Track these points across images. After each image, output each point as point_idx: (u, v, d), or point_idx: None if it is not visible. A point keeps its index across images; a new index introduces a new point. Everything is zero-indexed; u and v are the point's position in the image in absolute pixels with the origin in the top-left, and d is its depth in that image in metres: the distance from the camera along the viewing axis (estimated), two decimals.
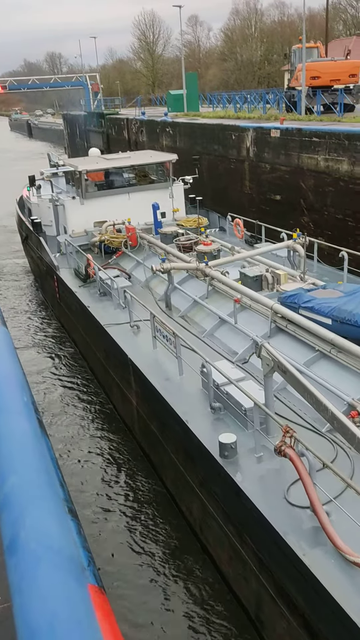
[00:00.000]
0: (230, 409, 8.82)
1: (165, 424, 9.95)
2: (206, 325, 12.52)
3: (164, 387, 9.98)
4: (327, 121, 22.93)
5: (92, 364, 15.88)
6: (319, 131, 19.45)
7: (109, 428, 13.72)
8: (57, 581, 1.24)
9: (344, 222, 18.38)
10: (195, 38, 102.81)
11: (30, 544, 1.29)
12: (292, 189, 20.97)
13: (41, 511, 1.42)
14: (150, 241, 16.82)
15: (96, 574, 2.02)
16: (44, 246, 18.61)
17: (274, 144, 21.86)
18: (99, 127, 48.73)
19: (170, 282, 13.83)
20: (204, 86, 73.03)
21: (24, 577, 1.19)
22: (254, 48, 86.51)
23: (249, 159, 23.74)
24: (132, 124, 39.89)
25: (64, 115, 70.01)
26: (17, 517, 1.35)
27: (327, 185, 19.04)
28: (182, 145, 30.70)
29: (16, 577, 1.21)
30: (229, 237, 18.51)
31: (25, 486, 1.50)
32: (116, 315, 13.49)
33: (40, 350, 18.63)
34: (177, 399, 9.55)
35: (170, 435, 9.84)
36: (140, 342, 11.95)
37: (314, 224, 19.82)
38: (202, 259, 14.23)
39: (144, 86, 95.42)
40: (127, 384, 12.01)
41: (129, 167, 20.25)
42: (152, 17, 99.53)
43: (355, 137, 17.68)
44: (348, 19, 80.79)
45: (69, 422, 14.29)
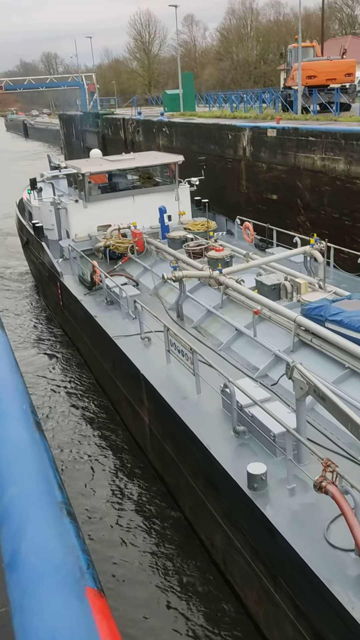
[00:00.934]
0: (255, 433, 8.12)
1: (183, 446, 9.29)
2: (222, 337, 11.76)
3: (180, 407, 9.29)
4: (323, 120, 22.94)
5: (99, 376, 15.19)
6: (316, 130, 19.45)
7: (118, 443, 13.05)
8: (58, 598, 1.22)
9: (340, 221, 18.38)
10: (191, 38, 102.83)
11: (31, 559, 1.27)
12: (288, 189, 20.97)
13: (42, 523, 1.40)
14: (158, 247, 16.14)
15: (95, 576, 2.00)
16: (46, 251, 17.96)
17: (271, 143, 21.85)
18: (94, 127, 48.67)
19: (182, 291, 13.08)
20: (200, 86, 73.04)
21: (25, 594, 1.17)
22: (250, 47, 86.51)
23: (246, 159, 23.73)
24: (128, 124, 39.85)
25: (60, 115, 69.92)
26: (18, 530, 1.33)
27: (324, 184, 19.04)
28: (178, 145, 30.67)
29: (17, 594, 1.19)
30: (237, 240, 17.95)
31: (25, 497, 1.47)
32: (125, 325, 12.80)
33: (43, 360, 17.95)
34: (196, 420, 8.89)
35: (189, 459, 9.17)
36: (152, 355, 11.26)
37: (310, 223, 19.82)
38: (214, 266, 13.49)
39: (140, 86, 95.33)
40: (138, 400, 11.38)
41: (134, 169, 19.65)
42: (147, 16, 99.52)
43: (352, 136, 17.68)
44: (344, 18, 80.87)
45: (74, 433, 13.69)
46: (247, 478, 7.16)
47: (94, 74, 72.07)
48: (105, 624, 1.57)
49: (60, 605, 1.19)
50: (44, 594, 1.20)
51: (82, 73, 72.48)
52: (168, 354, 10.58)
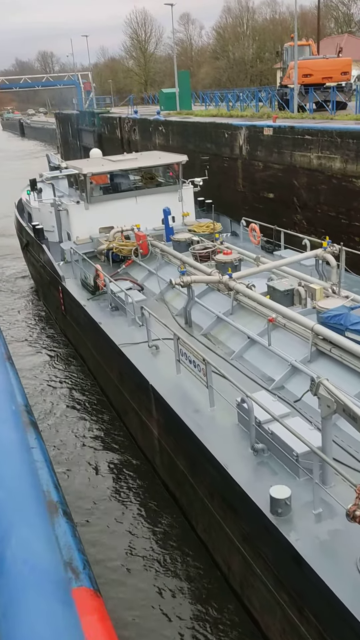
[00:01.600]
0: (276, 451, 7.65)
1: (196, 462, 8.76)
2: (233, 345, 11.23)
3: (193, 421, 8.79)
4: (319, 119, 22.92)
5: (104, 384, 14.59)
6: (312, 129, 19.45)
7: (124, 455, 12.55)
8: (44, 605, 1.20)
9: (337, 219, 18.39)
10: (187, 36, 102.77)
11: (17, 566, 1.25)
12: (285, 187, 20.96)
13: (28, 528, 1.38)
14: (163, 250, 15.63)
15: (91, 576, 1.98)
16: (47, 254, 17.43)
17: (267, 142, 21.84)
18: (90, 126, 48.61)
19: (191, 296, 12.52)
20: (196, 84, 72.91)
21: (11, 602, 1.15)
22: (246, 46, 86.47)
23: (242, 157, 23.72)
24: (124, 122, 39.79)
25: (57, 114, 69.85)
26: (4, 534, 1.31)
27: (320, 183, 19.04)
28: (175, 144, 30.63)
29: (2, 601, 1.18)
30: (243, 242, 17.44)
31: (12, 501, 1.46)
32: (131, 333, 12.30)
33: (45, 367, 17.40)
34: (210, 436, 8.41)
35: (203, 477, 8.62)
36: (161, 365, 10.75)
37: (307, 222, 19.82)
38: (222, 270, 12.97)
39: (137, 85, 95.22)
40: (146, 411, 10.86)
41: (137, 169, 19.12)
42: (143, 15, 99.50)
43: (348, 134, 17.68)
44: (339, 17, 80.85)
45: (78, 442, 13.31)
46: (270, 502, 6.72)
47: (90, 72, 71.97)
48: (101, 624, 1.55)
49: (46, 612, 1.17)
50: (30, 601, 1.18)
51: (79, 72, 72.39)
52: (178, 363, 10.08)
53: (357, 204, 17.45)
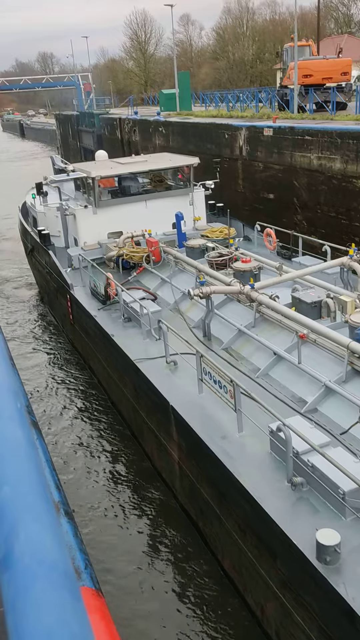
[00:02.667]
0: (316, 486, 6.96)
1: (225, 494, 8.08)
2: (257, 361, 10.47)
3: (220, 448, 8.11)
4: (319, 119, 22.94)
5: (117, 400, 13.82)
6: (312, 129, 19.46)
7: (139, 477, 11.79)
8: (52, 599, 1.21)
9: (337, 219, 18.40)
10: (187, 37, 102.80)
11: (25, 559, 1.26)
12: (285, 188, 20.99)
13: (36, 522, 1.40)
14: (177, 257, 14.91)
15: (93, 576, 1.99)
16: (54, 260, 16.72)
17: (267, 142, 21.87)
18: (90, 127, 48.69)
19: (210, 308, 11.71)
20: (196, 85, 73.02)
21: (19, 594, 1.17)
22: (246, 47, 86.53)
23: (242, 158, 23.74)
24: (124, 123, 39.84)
25: (57, 115, 69.96)
26: (11, 529, 1.32)
27: (320, 183, 19.06)
28: (175, 144, 30.66)
29: (10, 594, 1.19)
30: (257, 248, 16.81)
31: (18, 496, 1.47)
32: (146, 346, 11.65)
33: (52, 377, 16.68)
34: (240, 465, 7.72)
35: (233, 511, 7.89)
36: (181, 383, 10.05)
37: (307, 222, 19.84)
38: (242, 279, 12.22)
39: (137, 85, 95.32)
40: (165, 433, 10.16)
41: (147, 172, 18.46)
42: (143, 16, 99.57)
43: (348, 135, 17.70)
44: (339, 17, 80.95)
45: (89, 457, 12.71)
46: (317, 548, 6.02)
47: (90, 73, 72.09)
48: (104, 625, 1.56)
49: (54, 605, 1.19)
50: (38, 594, 1.20)
51: (78, 73, 72.52)
52: (200, 382, 9.38)
53: (357, 205, 17.47)
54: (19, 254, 29.03)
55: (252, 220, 18.98)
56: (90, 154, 49.07)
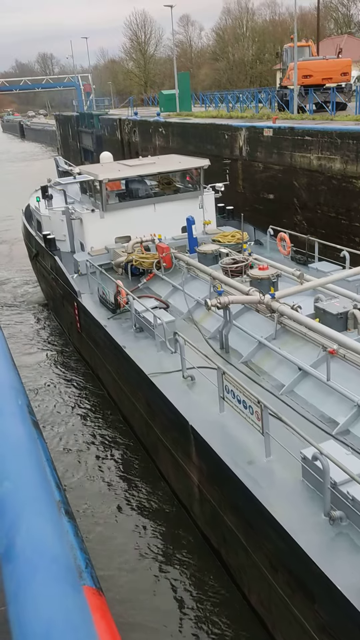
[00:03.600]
0: (356, 520, 6.41)
1: (252, 524, 7.46)
2: (281, 377, 9.84)
3: (246, 474, 7.51)
4: (319, 120, 22.97)
5: (128, 415, 13.12)
6: (312, 130, 19.48)
7: (153, 497, 11.10)
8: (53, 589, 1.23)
9: (337, 220, 18.42)
10: (187, 38, 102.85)
11: (27, 552, 1.28)
12: (285, 188, 21.00)
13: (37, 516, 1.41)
14: (189, 263, 14.29)
15: (94, 575, 2.01)
16: (60, 266, 16.09)
17: (267, 143, 21.89)
18: (89, 127, 48.74)
19: (228, 319, 11.09)
20: (196, 86, 73.08)
21: (20, 586, 1.18)
22: (246, 47, 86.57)
23: (242, 158, 23.76)
24: (124, 124, 39.88)
25: (56, 116, 70.02)
26: (13, 523, 1.34)
27: (320, 183, 19.07)
28: (174, 145, 30.69)
29: (12, 585, 1.21)
30: (270, 253, 16.21)
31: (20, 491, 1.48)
32: (160, 359, 11.07)
33: (58, 388, 15.99)
34: (270, 494, 7.11)
35: (262, 543, 7.25)
36: (200, 400, 9.43)
37: (307, 223, 19.85)
38: (261, 288, 11.62)
39: (137, 86, 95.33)
40: (184, 454, 9.50)
41: (156, 174, 18.02)
42: (143, 17, 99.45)
43: (348, 135, 17.72)
44: (339, 18, 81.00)
45: (99, 474, 12.03)
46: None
47: (90, 74, 72.20)
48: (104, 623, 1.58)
49: (56, 596, 1.20)
50: (40, 585, 1.21)
51: (78, 74, 72.63)
52: (222, 400, 8.80)
53: (357, 205, 17.49)
54: (21, 256, 28.62)
55: (252, 220, 18.97)
56: (90, 154, 49.13)
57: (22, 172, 65.58)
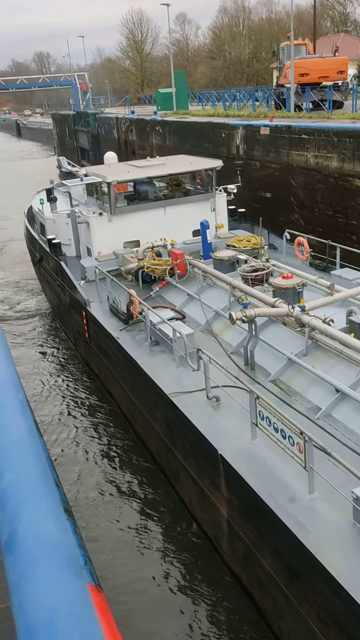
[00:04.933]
0: None
1: (295, 572, 6.67)
2: (315, 398, 9.04)
3: (287, 513, 6.78)
4: (316, 118, 22.97)
5: (143, 434, 12.22)
6: (309, 128, 19.49)
7: (174, 525, 10.19)
8: (55, 578, 1.24)
9: (334, 218, 18.44)
10: (183, 36, 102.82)
11: (28, 542, 1.29)
12: (282, 186, 21.01)
13: (38, 508, 1.43)
14: (207, 271, 13.43)
15: (93, 572, 2.03)
16: (67, 273, 15.33)
17: (264, 141, 21.89)
18: (85, 126, 48.70)
19: (254, 333, 10.27)
20: (192, 84, 73.02)
21: (23, 575, 1.19)
22: (243, 46, 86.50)
23: (239, 157, 23.75)
24: (121, 123, 39.84)
25: (53, 114, 69.90)
26: (15, 513, 1.35)
27: (317, 182, 19.09)
28: (172, 144, 30.68)
29: (14, 575, 1.22)
30: (286, 258, 15.54)
31: (22, 483, 1.50)
32: (179, 376, 10.29)
33: (65, 401, 15.12)
34: (316, 538, 6.39)
35: (309, 595, 6.47)
36: (228, 424, 8.65)
37: (304, 221, 19.87)
38: (283, 298, 10.96)
39: (133, 85, 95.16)
40: (211, 484, 8.72)
41: (167, 176, 17.23)
42: (140, 15, 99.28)
43: (345, 133, 17.73)
44: (336, 16, 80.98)
45: (111, 497, 11.19)
46: None
47: (86, 73, 72.05)
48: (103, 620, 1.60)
49: (58, 585, 1.22)
50: (42, 574, 1.23)
51: (75, 72, 72.45)
52: (254, 427, 8.04)
53: (355, 203, 17.51)
54: (18, 255, 28.40)
55: (249, 219, 18.97)
56: (86, 153, 49.08)
57: (20, 172, 65.50)
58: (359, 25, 77.70)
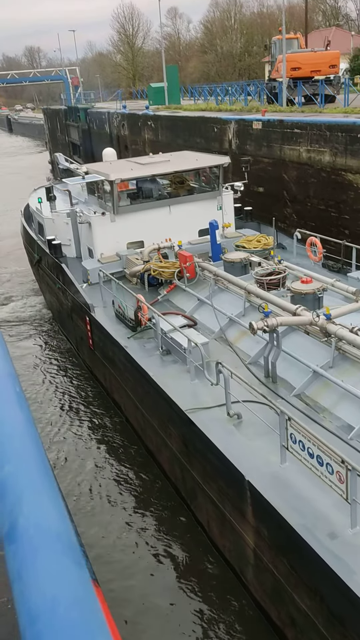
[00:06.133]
0: None
1: (343, 620, 6.02)
2: (346, 415, 8.32)
3: (329, 552, 6.13)
4: (308, 112, 22.99)
5: (154, 449, 11.44)
6: (301, 122, 19.51)
7: (191, 552, 9.42)
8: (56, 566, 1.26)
9: (326, 212, 18.48)
10: (175, 30, 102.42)
11: (29, 531, 1.30)
12: (274, 181, 21.02)
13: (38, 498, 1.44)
14: (219, 275, 12.76)
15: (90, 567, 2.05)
16: (69, 276, 14.67)
17: (256, 135, 21.89)
18: (76, 121, 48.51)
19: (276, 344, 9.53)
20: (184, 79, 72.90)
21: (24, 564, 1.20)
22: (234, 40, 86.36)
23: (232, 151, 23.74)
24: (113, 117, 39.71)
25: (44, 109, 69.59)
26: (15, 504, 1.36)
27: (310, 176, 19.12)
28: (164, 138, 30.62)
29: (15, 564, 1.23)
30: (296, 259, 14.84)
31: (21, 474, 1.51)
32: (195, 389, 9.61)
33: (68, 410, 14.32)
34: None
35: None
36: (253, 445, 7.97)
37: (297, 215, 19.91)
38: (302, 304, 10.30)
39: (125, 79, 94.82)
40: (235, 510, 7.95)
41: (172, 173, 16.43)
42: (131, 9, 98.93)
43: (337, 128, 17.75)
44: (327, 10, 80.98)
45: (123, 517, 10.48)
46: None
47: (77, 67, 71.72)
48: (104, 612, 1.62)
49: (59, 573, 1.22)
50: (43, 562, 1.24)
51: (66, 67, 72.12)
52: (284, 450, 7.33)
53: (347, 197, 17.56)
54: (12, 251, 28.09)
55: (241, 213, 18.96)
56: (77, 148, 48.88)
57: (12, 167, 65.19)
58: (351, 19, 77.78)
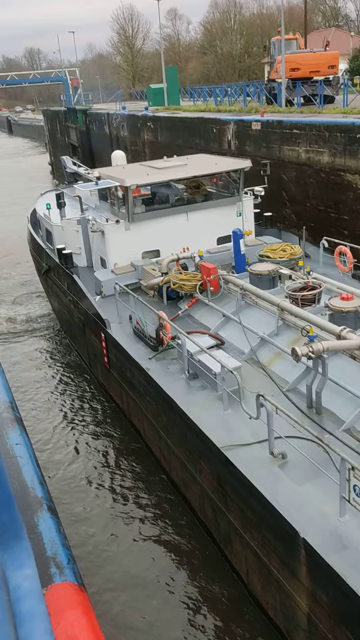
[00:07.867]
0: None
1: None
2: None
3: None
4: (307, 113, 22.95)
5: (181, 484, 10.21)
6: (300, 123, 19.46)
7: (231, 612, 8.32)
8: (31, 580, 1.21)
9: (325, 213, 18.43)
10: (174, 32, 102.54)
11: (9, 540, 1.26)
12: (274, 181, 20.95)
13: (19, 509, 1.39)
14: (247, 289, 11.56)
15: (76, 571, 2.00)
16: (82, 289, 13.70)
17: (255, 136, 21.85)
18: (75, 123, 48.51)
19: (321, 371, 8.52)
20: (184, 80, 72.90)
21: None
22: (234, 41, 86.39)
23: (231, 152, 23.70)
24: (113, 118, 39.68)
25: (44, 111, 69.57)
26: None
27: (309, 176, 19.07)
28: (163, 139, 30.60)
29: None
30: (322, 268, 13.83)
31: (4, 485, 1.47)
32: (228, 421, 8.62)
33: (81, 432, 13.29)
34: None
35: None
36: (303, 491, 7.01)
37: (296, 216, 19.86)
38: (343, 324, 9.31)
39: (124, 81, 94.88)
40: (284, 568, 6.99)
41: (191, 178, 15.39)
42: (130, 11, 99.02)
43: (336, 128, 17.70)
44: (327, 11, 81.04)
45: (146, 554, 9.51)
46: None
47: (77, 69, 71.75)
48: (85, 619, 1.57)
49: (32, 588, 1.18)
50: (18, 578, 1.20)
51: (66, 68, 72.15)
52: (344, 501, 6.43)
53: (346, 198, 17.51)
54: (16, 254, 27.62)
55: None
56: (76, 149, 48.84)
57: (13, 169, 65.21)
58: (350, 19, 77.78)
